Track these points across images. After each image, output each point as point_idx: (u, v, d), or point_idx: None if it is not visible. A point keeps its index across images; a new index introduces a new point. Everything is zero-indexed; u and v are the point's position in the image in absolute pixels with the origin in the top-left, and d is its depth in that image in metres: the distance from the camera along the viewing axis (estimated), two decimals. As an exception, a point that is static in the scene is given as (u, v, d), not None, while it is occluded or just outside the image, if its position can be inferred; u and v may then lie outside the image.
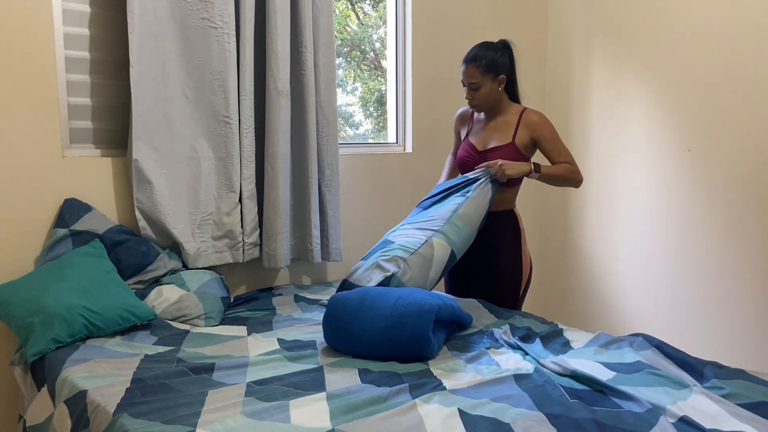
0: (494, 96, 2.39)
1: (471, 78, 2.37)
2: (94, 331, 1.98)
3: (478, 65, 2.35)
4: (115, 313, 2.03)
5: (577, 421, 1.42)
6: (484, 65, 2.35)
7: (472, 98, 2.40)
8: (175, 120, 2.43)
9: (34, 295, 1.98)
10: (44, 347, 1.89)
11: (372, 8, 3.54)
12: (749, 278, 2.85)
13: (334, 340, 1.91)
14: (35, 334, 1.90)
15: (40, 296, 1.97)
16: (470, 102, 2.42)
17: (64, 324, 1.92)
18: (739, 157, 2.85)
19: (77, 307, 1.96)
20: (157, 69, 2.37)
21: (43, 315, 1.93)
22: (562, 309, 3.70)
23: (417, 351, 1.83)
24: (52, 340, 1.90)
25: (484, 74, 2.35)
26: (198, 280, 2.35)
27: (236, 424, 1.41)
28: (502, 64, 2.38)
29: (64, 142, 2.32)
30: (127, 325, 2.05)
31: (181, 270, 2.45)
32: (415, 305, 1.88)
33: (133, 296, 2.15)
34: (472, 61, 2.37)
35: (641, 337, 1.95)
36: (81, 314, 1.96)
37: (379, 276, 2.17)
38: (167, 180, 2.42)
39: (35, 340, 1.90)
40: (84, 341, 1.97)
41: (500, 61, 2.37)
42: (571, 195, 3.61)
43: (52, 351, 1.89)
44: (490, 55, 2.36)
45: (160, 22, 2.37)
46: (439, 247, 2.23)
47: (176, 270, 2.43)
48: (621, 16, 3.29)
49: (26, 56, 2.21)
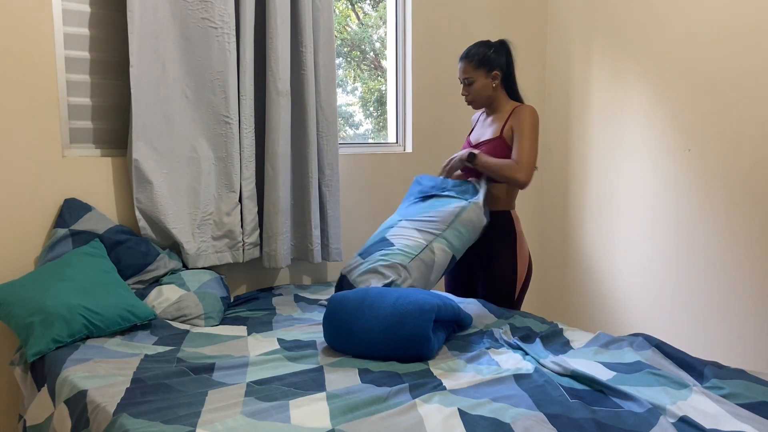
0: (487, 92, 2.45)
1: (465, 73, 2.45)
2: (94, 330, 1.98)
3: (471, 60, 2.44)
4: (115, 313, 2.03)
5: (577, 421, 1.42)
6: (477, 60, 2.42)
7: (468, 93, 2.46)
8: (175, 120, 2.43)
9: (34, 295, 1.98)
10: (44, 347, 1.89)
11: (372, 8, 3.54)
12: (749, 278, 2.85)
13: (334, 339, 1.91)
14: (35, 334, 1.90)
15: (41, 296, 1.97)
16: (466, 98, 2.48)
17: (64, 324, 1.92)
18: (739, 157, 2.85)
19: (77, 307, 1.96)
20: (157, 69, 2.37)
21: (43, 315, 1.93)
22: (562, 309, 3.70)
23: (417, 351, 1.83)
24: (52, 340, 1.90)
25: (476, 69, 2.43)
26: (198, 280, 2.35)
27: (236, 424, 1.40)
28: (496, 61, 2.44)
29: (64, 142, 2.32)
30: (127, 325, 2.05)
31: (181, 270, 2.45)
32: (415, 305, 1.88)
33: (134, 296, 2.14)
34: (466, 57, 2.46)
35: (641, 337, 1.95)
36: (81, 314, 1.96)
37: (378, 284, 2.17)
38: (167, 180, 2.42)
39: (35, 340, 1.90)
40: (84, 341, 1.97)
41: (494, 56, 2.43)
42: (571, 195, 3.61)
43: (52, 351, 1.89)
44: (483, 50, 2.44)
45: (160, 22, 2.37)
46: (440, 252, 2.25)
47: (176, 270, 2.43)
48: (621, 16, 3.29)
49: (26, 56, 2.21)
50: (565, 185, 3.65)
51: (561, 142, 3.66)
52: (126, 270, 2.30)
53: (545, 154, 3.75)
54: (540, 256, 3.81)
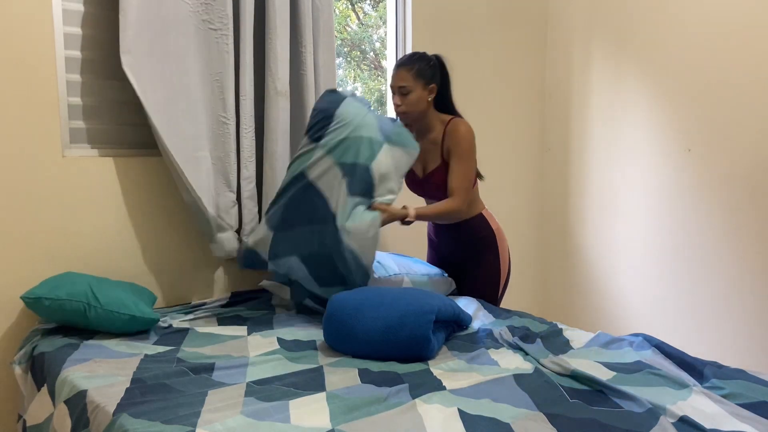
0: (422, 105, 2.35)
1: (402, 80, 2.32)
2: (92, 304, 2.01)
3: (410, 69, 2.32)
4: (120, 298, 2.06)
5: (577, 421, 1.42)
6: (417, 70, 2.32)
7: (401, 104, 2.34)
8: (177, 120, 2.43)
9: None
10: (42, 293, 2.01)
11: (372, 8, 3.54)
12: (749, 278, 2.85)
13: (334, 340, 1.91)
14: (42, 283, 2.07)
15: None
16: (398, 108, 2.36)
17: (69, 284, 2.05)
18: (739, 157, 2.85)
19: (87, 277, 2.13)
20: (156, 68, 2.37)
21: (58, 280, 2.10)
22: (562, 309, 3.70)
23: (417, 351, 1.83)
24: (51, 288, 2.02)
25: (415, 79, 2.32)
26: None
27: (236, 424, 1.40)
28: (434, 75, 2.36)
29: (64, 142, 2.32)
30: (124, 313, 2.03)
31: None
32: (415, 305, 1.88)
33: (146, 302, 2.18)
34: (404, 65, 2.34)
35: (641, 337, 1.96)
36: (89, 283, 2.06)
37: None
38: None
39: (39, 288, 2.04)
40: (84, 341, 1.97)
41: (432, 71, 2.35)
42: (571, 195, 3.61)
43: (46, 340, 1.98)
44: (423, 62, 2.34)
45: (159, 23, 2.36)
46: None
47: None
48: (621, 16, 3.29)
49: (26, 56, 2.20)
50: (565, 185, 3.65)
51: (561, 142, 3.66)
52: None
53: (545, 154, 3.76)
54: (540, 256, 3.81)
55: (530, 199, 3.73)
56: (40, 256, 2.26)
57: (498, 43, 3.50)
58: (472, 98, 3.42)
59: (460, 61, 3.38)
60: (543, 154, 3.76)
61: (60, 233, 2.29)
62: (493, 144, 3.54)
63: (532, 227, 3.77)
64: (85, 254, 2.34)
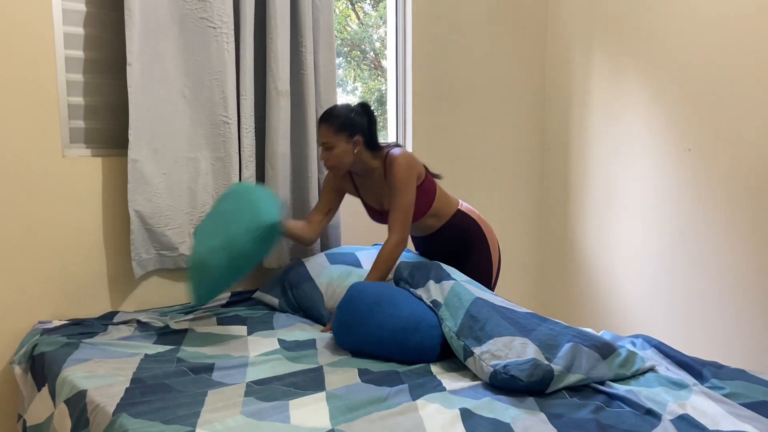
0: (348, 158, 2.31)
1: (324, 137, 2.30)
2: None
3: (330, 124, 2.29)
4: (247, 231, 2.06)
5: (577, 421, 1.42)
6: (337, 125, 2.28)
7: (327, 159, 2.31)
8: (173, 120, 2.43)
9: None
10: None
11: (372, 8, 3.55)
12: (749, 278, 2.85)
13: (344, 327, 1.92)
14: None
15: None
16: (325, 163, 2.33)
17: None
18: (739, 157, 2.85)
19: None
20: (155, 69, 2.37)
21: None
22: (562, 308, 3.70)
23: (422, 358, 1.85)
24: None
25: (336, 134, 2.28)
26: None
27: (236, 424, 1.40)
28: (359, 124, 2.31)
29: (64, 142, 2.32)
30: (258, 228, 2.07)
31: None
32: (433, 316, 1.91)
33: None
34: (325, 121, 2.31)
35: (641, 337, 1.96)
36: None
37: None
38: (165, 180, 2.42)
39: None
40: (84, 341, 1.97)
41: (356, 120, 2.30)
42: (572, 195, 3.61)
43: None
44: (344, 114, 2.30)
45: (158, 22, 2.36)
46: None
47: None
48: (621, 16, 3.29)
49: (26, 56, 2.20)
50: (565, 185, 3.65)
51: (561, 142, 3.66)
52: None
53: (545, 154, 3.76)
54: (540, 255, 3.81)
55: (530, 199, 3.73)
56: (39, 255, 2.25)
57: (498, 43, 3.50)
58: (472, 98, 3.42)
59: (460, 61, 3.38)
60: (543, 154, 3.76)
61: (59, 232, 2.29)
62: (493, 144, 3.54)
63: (532, 227, 3.77)
64: (85, 253, 2.34)
